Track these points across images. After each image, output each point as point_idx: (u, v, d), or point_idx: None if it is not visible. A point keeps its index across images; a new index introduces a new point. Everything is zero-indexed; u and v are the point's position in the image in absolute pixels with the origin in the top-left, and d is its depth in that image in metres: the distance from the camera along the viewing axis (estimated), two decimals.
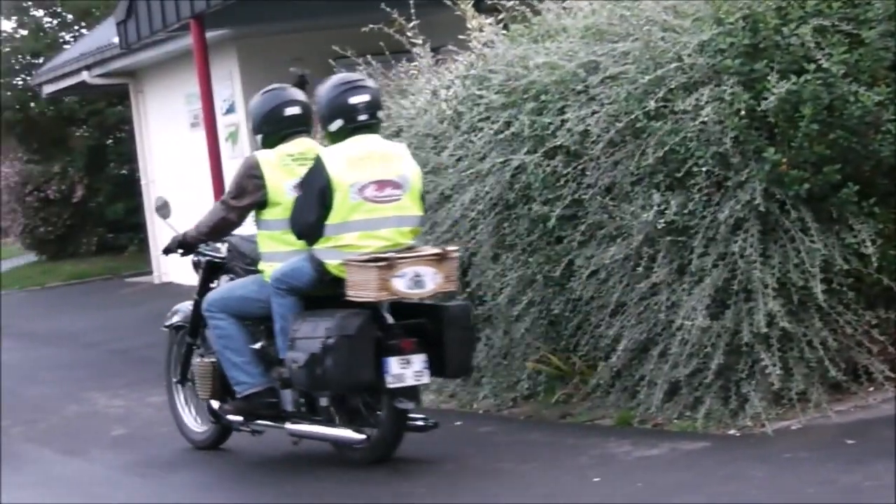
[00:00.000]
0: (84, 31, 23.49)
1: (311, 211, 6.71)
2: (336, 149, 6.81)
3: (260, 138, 7.22)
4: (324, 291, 6.77)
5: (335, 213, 6.68)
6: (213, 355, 7.36)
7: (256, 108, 7.22)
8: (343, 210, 6.68)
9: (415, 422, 6.76)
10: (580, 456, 6.60)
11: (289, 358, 6.71)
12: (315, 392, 6.81)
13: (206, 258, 7.59)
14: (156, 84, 18.17)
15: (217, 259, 7.56)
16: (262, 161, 6.99)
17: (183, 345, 7.81)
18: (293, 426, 7.06)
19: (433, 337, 6.67)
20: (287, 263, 6.86)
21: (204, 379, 7.45)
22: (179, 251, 7.45)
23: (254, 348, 7.15)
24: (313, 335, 6.55)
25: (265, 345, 7.14)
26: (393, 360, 6.53)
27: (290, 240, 6.88)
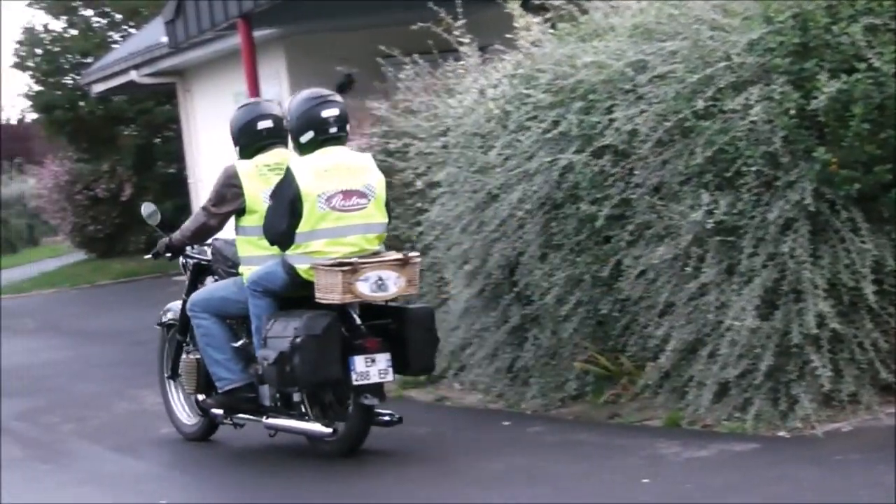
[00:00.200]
0: (132, 31, 23.60)
1: (282, 220, 7.07)
2: (305, 160, 7.16)
3: (238, 150, 7.61)
4: (297, 293, 7.13)
5: (305, 222, 7.03)
6: (199, 352, 7.73)
7: (234, 122, 7.67)
8: (312, 219, 7.02)
9: (381, 417, 7.12)
10: (629, 457, 6.59)
11: (260, 355, 7.11)
12: (284, 388, 7.23)
13: (193, 261, 8.08)
14: (203, 83, 18.27)
15: (203, 261, 8.00)
16: (241, 171, 7.43)
17: (174, 342, 8.22)
18: (269, 420, 7.48)
19: (397, 337, 7.04)
20: (262, 267, 7.24)
21: (190, 374, 7.94)
22: (167, 254, 7.95)
23: (235, 346, 7.58)
24: (283, 334, 6.92)
25: (246, 342, 7.53)
26: (358, 359, 6.90)
27: (267, 245, 7.24)
